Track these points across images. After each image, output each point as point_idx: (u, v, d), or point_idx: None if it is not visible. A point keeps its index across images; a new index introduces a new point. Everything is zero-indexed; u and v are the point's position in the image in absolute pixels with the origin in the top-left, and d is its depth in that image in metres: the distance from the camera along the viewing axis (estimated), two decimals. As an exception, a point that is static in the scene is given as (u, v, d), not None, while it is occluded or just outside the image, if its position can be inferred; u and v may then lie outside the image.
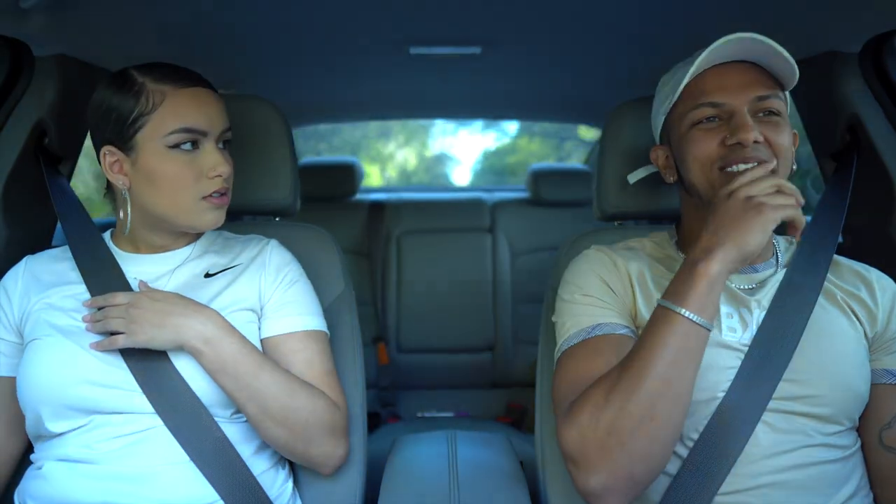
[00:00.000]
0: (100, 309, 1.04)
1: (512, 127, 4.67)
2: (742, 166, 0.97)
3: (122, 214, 1.08)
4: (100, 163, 1.06)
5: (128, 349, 1.01)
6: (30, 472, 1.05)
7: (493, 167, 5.01)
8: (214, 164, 1.04)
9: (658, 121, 1.12)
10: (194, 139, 1.03)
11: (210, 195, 1.05)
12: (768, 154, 0.99)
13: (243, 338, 1.04)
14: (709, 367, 0.99)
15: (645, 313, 1.04)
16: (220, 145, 1.07)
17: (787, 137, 1.01)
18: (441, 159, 5.05)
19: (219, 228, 1.22)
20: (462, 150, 5.03)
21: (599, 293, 1.05)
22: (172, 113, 1.02)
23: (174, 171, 1.03)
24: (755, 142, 0.98)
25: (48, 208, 1.22)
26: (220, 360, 1.01)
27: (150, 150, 1.03)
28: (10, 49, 1.28)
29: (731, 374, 0.99)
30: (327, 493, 1.16)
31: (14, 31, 1.21)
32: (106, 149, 1.05)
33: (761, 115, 1.01)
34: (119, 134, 1.03)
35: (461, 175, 5.07)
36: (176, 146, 1.02)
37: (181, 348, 1.01)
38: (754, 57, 1.01)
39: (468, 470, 1.22)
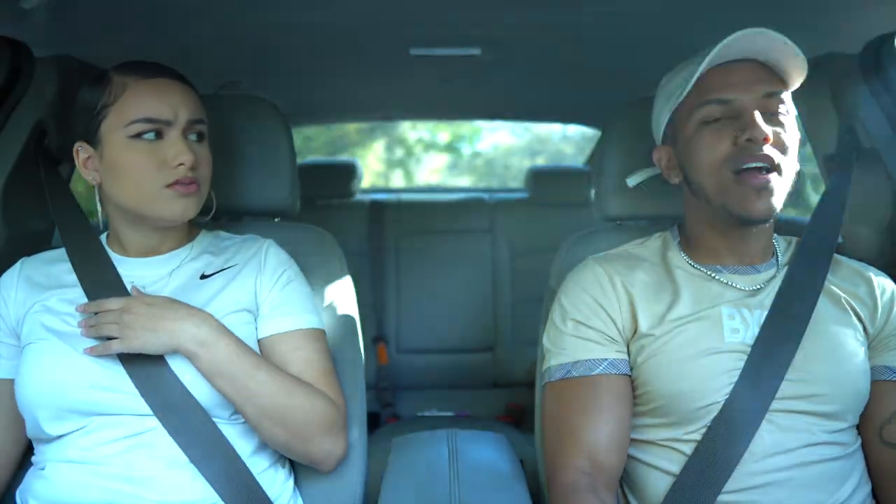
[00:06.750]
0: (94, 314, 1.03)
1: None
2: (753, 164, 0.97)
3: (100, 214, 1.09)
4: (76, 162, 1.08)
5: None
6: (32, 473, 1.05)
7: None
8: (177, 153, 1.03)
9: (661, 120, 1.11)
10: (157, 129, 1.03)
11: (174, 184, 1.04)
12: (777, 153, 0.98)
13: (238, 340, 1.04)
14: (712, 369, 0.99)
15: (645, 326, 1.03)
16: (194, 137, 1.07)
17: (795, 137, 1.01)
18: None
19: (217, 229, 1.23)
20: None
21: (588, 319, 1.05)
22: (133, 103, 1.02)
23: (135, 161, 1.03)
24: (765, 140, 0.97)
25: (48, 209, 1.22)
26: (216, 362, 1.01)
27: (112, 142, 1.03)
28: (10, 49, 1.27)
29: (735, 374, 0.99)
30: (328, 492, 1.16)
31: (14, 31, 1.21)
32: (78, 145, 1.06)
33: (769, 113, 1.00)
34: (87, 128, 1.05)
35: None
36: (138, 136, 1.03)
37: (176, 352, 1.01)
38: (761, 55, 1.01)
39: (468, 470, 1.21)
